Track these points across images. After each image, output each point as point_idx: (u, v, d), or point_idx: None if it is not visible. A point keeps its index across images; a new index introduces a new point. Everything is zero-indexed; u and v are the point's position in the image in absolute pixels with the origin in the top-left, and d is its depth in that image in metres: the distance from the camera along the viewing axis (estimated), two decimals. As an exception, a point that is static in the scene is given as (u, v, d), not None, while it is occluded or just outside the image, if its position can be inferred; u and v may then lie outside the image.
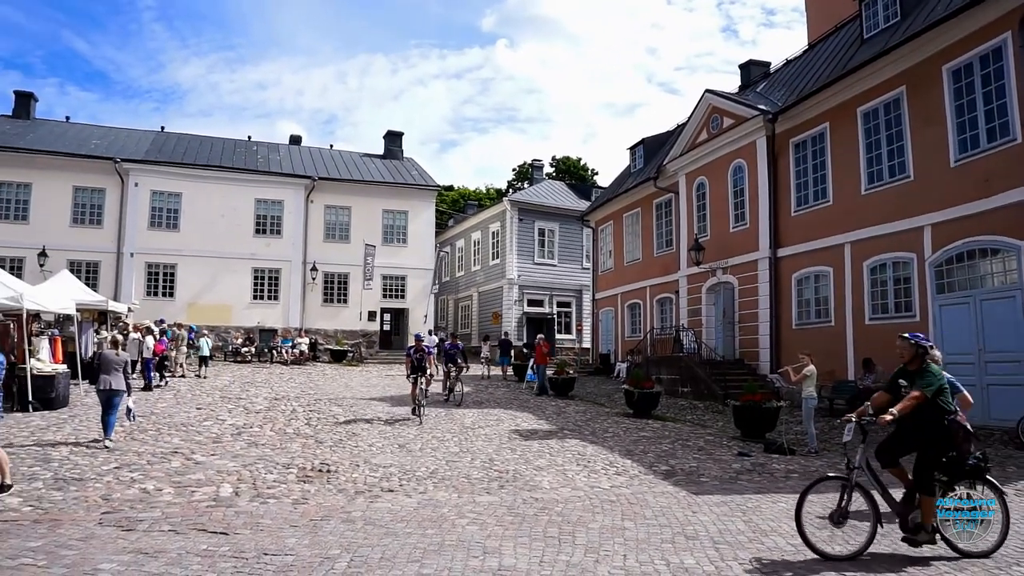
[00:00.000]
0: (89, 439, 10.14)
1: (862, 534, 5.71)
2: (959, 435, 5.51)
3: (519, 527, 6.43)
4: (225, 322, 28.18)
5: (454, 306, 40.66)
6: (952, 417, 5.54)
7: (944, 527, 5.57)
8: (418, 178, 33.60)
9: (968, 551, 5.54)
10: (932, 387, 5.49)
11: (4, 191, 27.14)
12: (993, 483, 5.60)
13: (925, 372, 5.61)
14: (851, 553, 5.56)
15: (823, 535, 5.85)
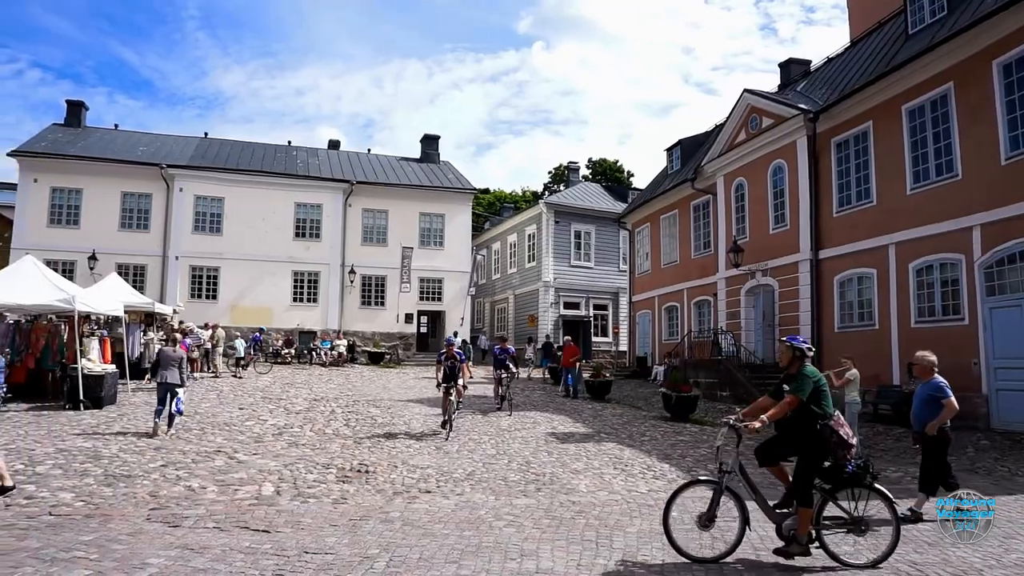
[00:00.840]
0: (138, 436, 10.42)
1: (730, 537, 5.61)
2: (832, 441, 5.34)
3: (556, 530, 6.42)
4: (266, 324, 28.67)
5: (490, 309, 40.77)
6: (825, 423, 5.38)
7: (823, 537, 5.39)
8: (454, 181, 33.80)
9: (852, 563, 5.36)
10: (804, 391, 5.40)
11: (57, 197, 28.10)
12: (882, 491, 5.44)
13: (800, 375, 5.54)
14: (716, 556, 5.49)
15: (691, 537, 5.75)
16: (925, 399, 7.12)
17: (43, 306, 13.25)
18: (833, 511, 5.46)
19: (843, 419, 5.56)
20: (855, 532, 5.44)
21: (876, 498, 5.42)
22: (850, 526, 5.43)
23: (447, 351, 12.58)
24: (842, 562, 5.36)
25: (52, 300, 13.00)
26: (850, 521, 5.43)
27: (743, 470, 5.60)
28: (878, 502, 5.42)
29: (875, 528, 5.52)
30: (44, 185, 27.92)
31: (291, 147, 35.62)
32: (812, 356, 5.76)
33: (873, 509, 5.46)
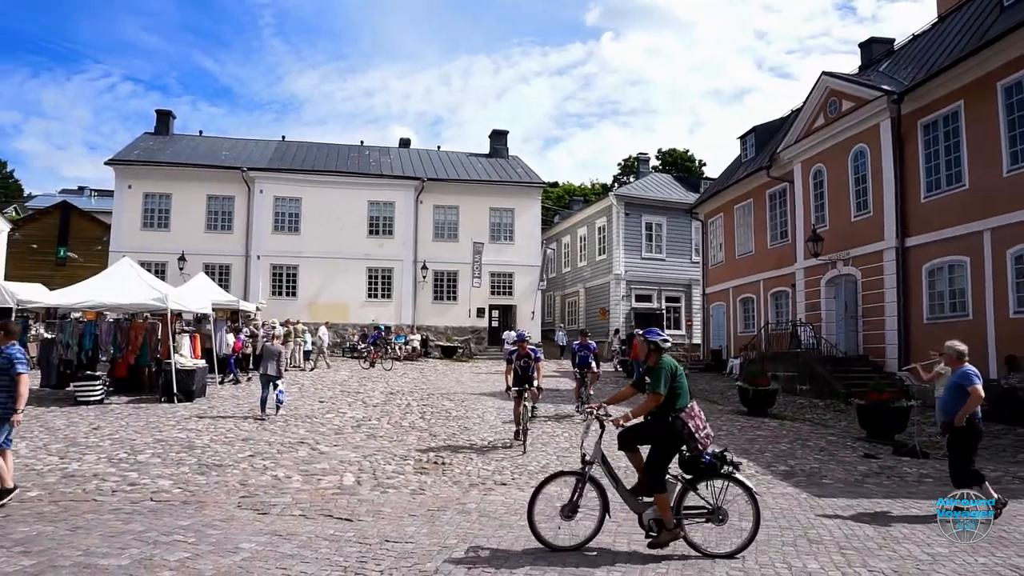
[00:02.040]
0: (227, 428, 10.95)
1: (590, 526, 5.64)
2: (683, 432, 5.41)
3: (634, 524, 6.38)
4: (342, 319, 29.55)
5: (561, 302, 40.74)
6: (677, 415, 5.45)
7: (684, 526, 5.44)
8: (523, 176, 33.89)
9: (712, 552, 5.40)
10: (663, 387, 5.49)
11: (149, 202, 29.73)
12: (742, 482, 5.48)
13: (657, 369, 5.61)
14: (576, 544, 5.54)
15: (551, 526, 5.72)
16: (952, 387, 6.88)
17: (140, 305, 14.08)
18: (694, 501, 5.52)
19: (696, 410, 5.60)
20: (714, 521, 5.49)
21: (738, 488, 5.46)
22: (709, 515, 5.49)
23: (519, 348, 10.95)
24: (702, 551, 5.42)
25: (147, 299, 13.80)
26: (710, 511, 5.49)
27: (605, 461, 5.72)
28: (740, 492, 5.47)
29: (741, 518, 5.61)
30: (137, 191, 29.60)
31: (363, 147, 36.52)
32: (669, 348, 5.86)
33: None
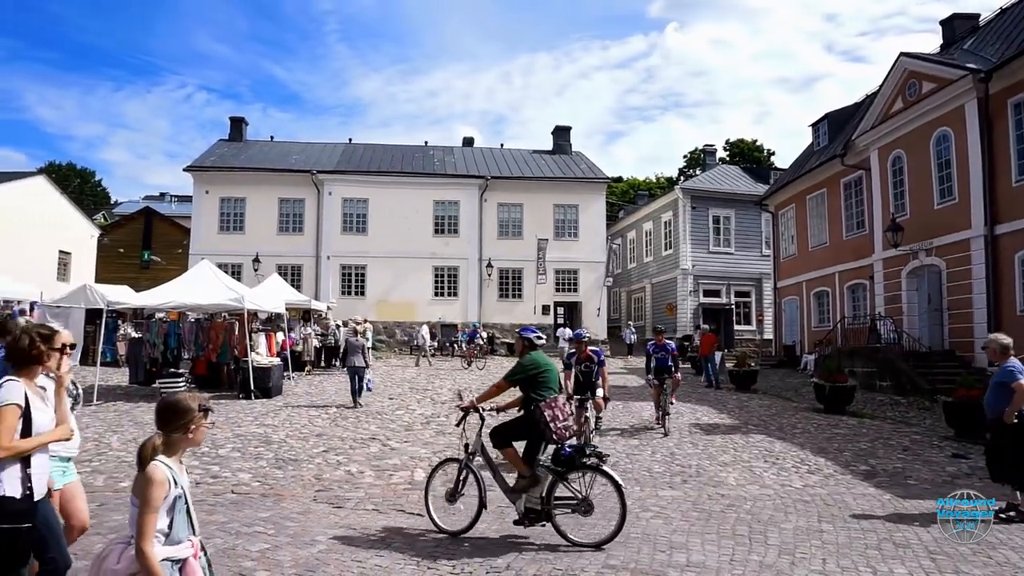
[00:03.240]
0: (302, 424, 11.28)
1: (471, 512, 5.83)
2: (540, 422, 5.60)
3: (706, 523, 6.26)
4: (410, 318, 30.04)
5: (627, 298, 40.31)
6: (537, 405, 5.67)
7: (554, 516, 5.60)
8: (587, 171, 33.66)
9: (579, 542, 5.54)
10: (515, 376, 5.88)
11: (225, 206, 30.95)
12: (609, 475, 5.60)
13: (520, 361, 5.98)
14: (460, 528, 5.78)
15: (444, 511, 6.04)
16: (996, 385, 6.47)
17: (218, 305, 14.65)
18: (564, 492, 5.65)
19: (559, 403, 5.79)
20: (581, 512, 5.62)
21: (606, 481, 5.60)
22: (575, 505, 5.64)
23: (579, 351, 9.50)
24: (570, 540, 5.55)
25: (225, 300, 14.35)
26: (577, 502, 5.63)
27: (484, 451, 5.97)
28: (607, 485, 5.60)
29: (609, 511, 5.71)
30: (214, 196, 30.86)
31: (428, 147, 37.00)
32: (542, 345, 6.23)
33: None
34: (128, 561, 2.55)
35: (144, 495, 2.54)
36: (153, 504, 2.53)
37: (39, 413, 3.38)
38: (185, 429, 2.76)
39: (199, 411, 2.81)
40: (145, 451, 2.65)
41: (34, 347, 3.45)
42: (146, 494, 2.53)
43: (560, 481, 5.64)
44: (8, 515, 3.12)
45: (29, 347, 3.45)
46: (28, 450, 3.23)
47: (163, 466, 2.62)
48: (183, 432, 2.76)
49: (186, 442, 2.80)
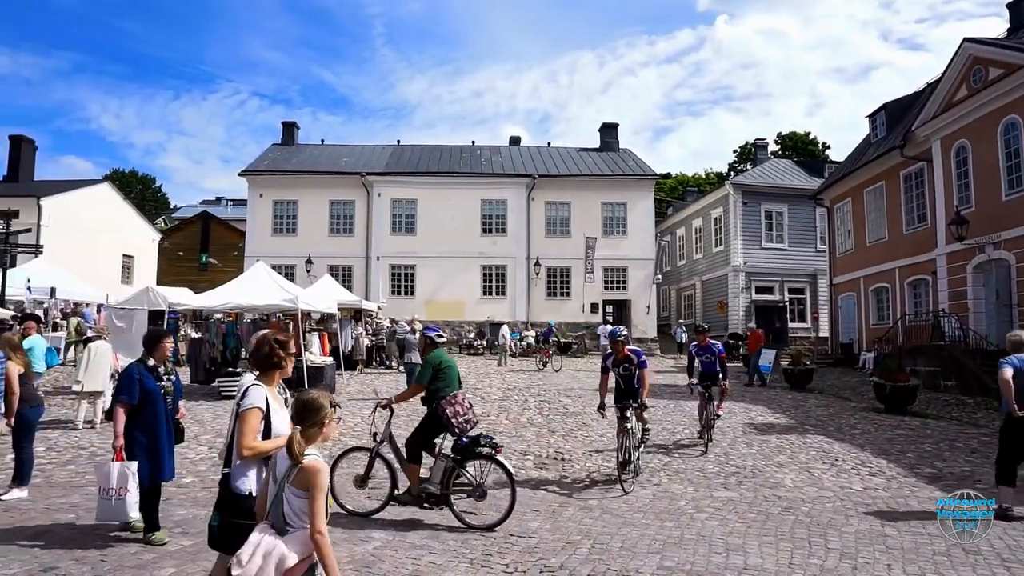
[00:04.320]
0: (355, 422, 11.46)
1: (382, 494, 6.43)
2: (443, 417, 6.13)
3: (763, 525, 6.13)
4: (458, 317, 30.23)
5: (676, 296, 39.78)
6: (439, 402, 6.20)
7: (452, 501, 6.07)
8: (635, 168, 33.32)
9: (474, 524, 5.99)
10: (425, 376, 6.38)
11: (278, 209, 31.66)
12: (502, 464, 6.09)
13: (424, 362, 6.54)
14: (369, 511, 6.30)
15: (351, 495, 6.62)
16: None
17: (273, 306, 14.99)
18: (461, 479, 6.12)
19: (460, 399, 6.29)
20: (476, 497, 6.11)
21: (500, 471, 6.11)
22: (471, 491, 6.12)
23: (616, 350, 8.34)
24: (465, 523, 6.02)
25: (280, 300, 14.68)
26: (472, 488, 6.12)
27: (392, 440, 6.45)
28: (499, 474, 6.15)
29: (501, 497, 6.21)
30: (268, 199, 31.59)
31: (475, 147, 37.17)
32: (443, 342, 6.77)
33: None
34: (302, 547, 2.82)
35: (314, 482, 2.81)
36: (324, 488, 2.83)
37: (277, 416, 3.58)
38: (320, 424, 3.01)
39: (331, 407, 3.06)
40: (292, 446, 2.89)
41: (274, 354, 3.69)
42: (316, 481, 2.81)
43: (458, 468, 6.10)
44: (249, 511, 3.31)
45: (270, 354, 3.68)
46: (269, 451, 3.39)
47: (319, 457, 2.91)
48: (318, 427, 3.00)
49: (319, 436, 3.02)
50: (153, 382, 5.29)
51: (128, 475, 5.11)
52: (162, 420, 5.31)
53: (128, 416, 5.19)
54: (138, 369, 5.30)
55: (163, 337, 5.58)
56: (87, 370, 10.60)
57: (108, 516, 5.21)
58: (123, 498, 5.11)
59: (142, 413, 5.24)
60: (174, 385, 5.54)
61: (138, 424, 5.23)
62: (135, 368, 5.31)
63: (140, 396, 5.19)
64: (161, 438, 5.29)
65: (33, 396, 6.92)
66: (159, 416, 5.29)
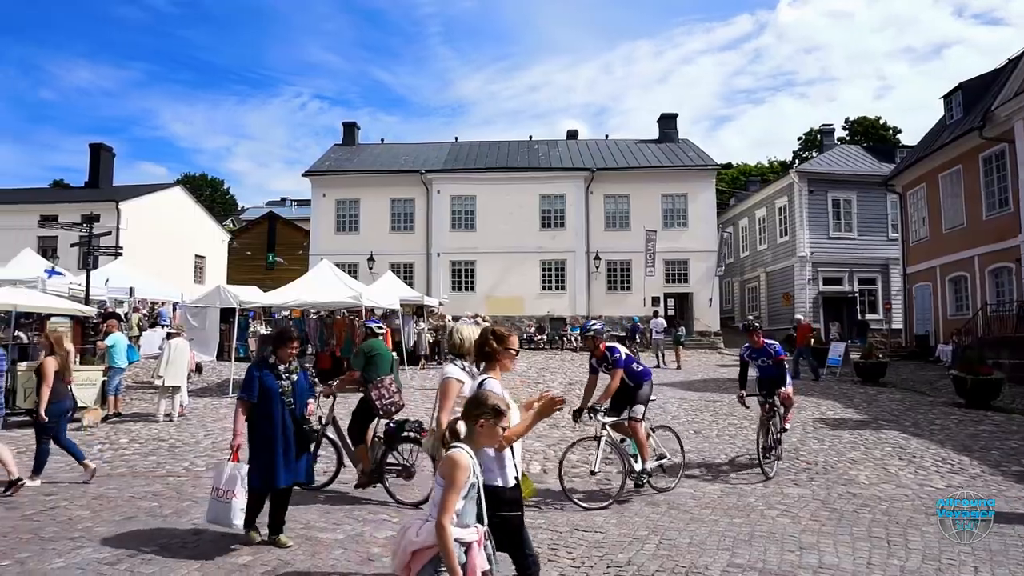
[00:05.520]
0: (419, 416, 11.60)
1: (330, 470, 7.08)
2: (371, 402, 6.69)
3: (837, 523, 5.94)
4: (518, 312, 30.29)
5: (740, 288, 38.90)
6: (368, 387, 6.75)
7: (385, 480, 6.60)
8: (695, 159, 32.69)
9: (404, 501, 6.48)
10: (360, 362, 7.05)
11: (341, 208, 32.36)
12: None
13: (359, 350, 7.21)
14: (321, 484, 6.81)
15: None
16: None
17: (338, 303, 15.35)
18: (391, 460, 6.63)
19: (387, 383, 6.83)
20: (404, 477, 6.66)
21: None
22: (400, 471, 6.67)
23: (752, 340, 8.11)
24: (397, 500, 6.53)
25: (344, 298, 15.01)
26: (401, 467, 6.66)
27: (335, 423, 7.05)
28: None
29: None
30: (331, 199, 32.33)
31: (532, 141, 37.14)
32: (382, 334, 7.40)
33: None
34: (426, 534, 2.81)
35: (449, 476, 2.78)
36: (456, 485, 2.77)
37: None
38: (475, 420, 2.98)
39: (490, 410, 2.99)
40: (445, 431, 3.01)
41: (487, 345, 3.79)
42: (451, 475, 2.77)
43: (389, 451, 6.60)
44: (507, 503, 3.36)
45: (482, 345, 3.81)
46: (513, 442, 3.45)
47: (467, 453, 2.87)
48: (473, 422, 2.99)
49: (479, 436, 2.99)
50: (272, 380, 5.16)
51: (237, 478, 4.96)
52: (278, 421, 5.11)
53: (250, 415, 5.12)
54: (259, 367, 5.22)
55: (291, 339, 5.40)
56: (167, 366, 11.09)
57: (214, 518, 5.08)
58: (228, 501, 4.95)
59: (258, 413, 5.12)
60: (296, 384, 5.33)
61: (253, 425, 5.13)
62: (256, 366, 5.24)
63: (260, 395, 5.10)
64: (276, 440, 5.09)
65: (57, 392, 7.29)
66: (275, 417, 5.10)
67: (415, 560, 2.83)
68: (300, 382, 5.39)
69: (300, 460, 5.28)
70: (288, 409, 5.18)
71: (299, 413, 5.29)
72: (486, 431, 2.98)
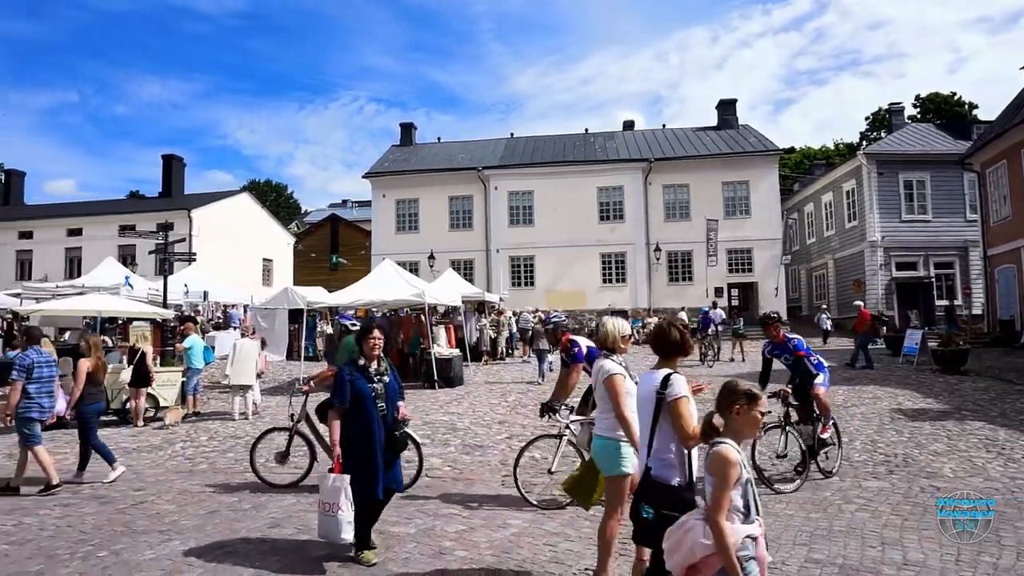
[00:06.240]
0: (484, 411, 11.72)
1: (303, 465, 7.28)
2: None
3: (920, 518, 5.70)
4: (579, 306, 30.16)
5: (807, 276, 37.75)
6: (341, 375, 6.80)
7: None
8: (756, 145, 31.88)
9: None
10: (341, 358, 7.09)
11: (400, 208, 32.90)
12: (413, 437, 6.40)
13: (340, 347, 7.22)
14: (290, 483, 7.09)
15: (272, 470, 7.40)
16: None
17: (402, 301, 15.62)
18: None
19: None
20: None
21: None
22: None
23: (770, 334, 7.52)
24: None
25: (408, 296, 15.25)
26: None
27: (309, 419, 7.11)
28: None
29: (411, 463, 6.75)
30: (391, 199, 32.92)
31: (588, 134, 36.92)
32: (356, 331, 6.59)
33: None
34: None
35: (720, 473, 2.73)
36: (728, 482, 2.71)
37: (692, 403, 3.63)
38: (728, 410, 2.91)
39: (743, 396, 2.91)
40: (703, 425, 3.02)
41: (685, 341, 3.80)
42: (722, 472, 2.72)
43: None
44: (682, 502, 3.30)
45: (681, 340, 3.78)
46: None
47: (734, 448, 2.80)
48: (728, 413, 2.91)
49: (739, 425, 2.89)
50: (365, 384, 4.84)
51: (340, 489, 4.70)
52: (375, 427, 4.79)
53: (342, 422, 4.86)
54: (349, 371, 4.91)
55: (370, 330, 5.04)
56: (233, 365, 11.56)
57: (324, 533, 4.84)
58: (334, 515, 4.71)
59: (351, 419, 4.83)
60: (387, 386, 4.98)
61: (348, 432, 4.84)
62: (347, 369, 4.94)
63: (352, 399, 4.81)
64: (372, 447, 4.79)
65: (91, 394, 7.61)
66: (371, 423, 4.78)
67: (705, 564, 2.73)
68: (391, 384, 5.05)
69: (394, 468, 5.00)
70: (380, 414, 4.86)
71: (391, 418, 4.95)
72: (744, 418, 2.88)
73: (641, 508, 3.41)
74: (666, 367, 3.65)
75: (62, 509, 6.44)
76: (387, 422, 4.89)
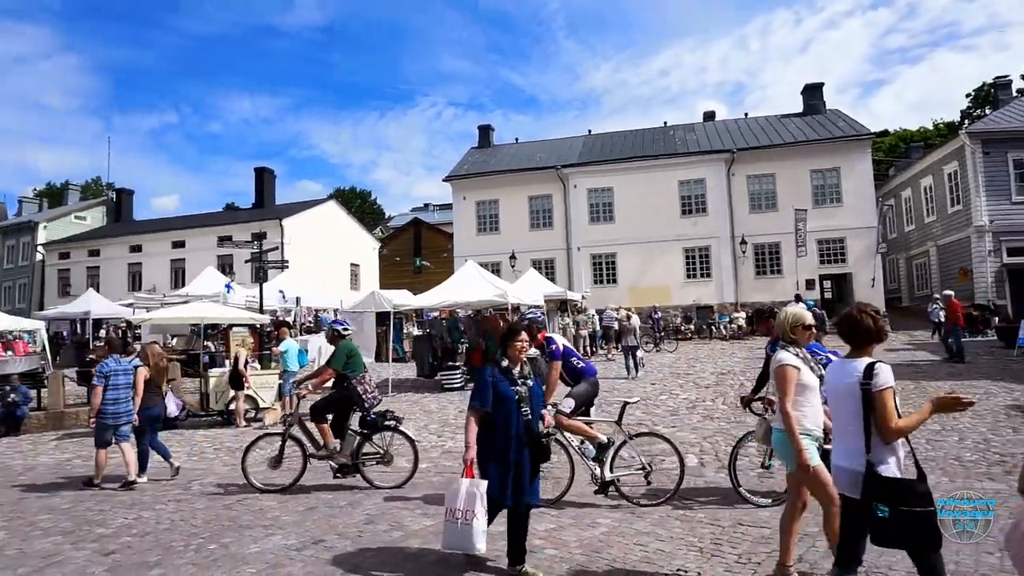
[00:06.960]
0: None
1: (295, 471, 7.38)
2: (355, 396, 7.26)
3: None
4: (664, 302, 29.64)
5: (906, 265, 35.77)
6: (350, 383, 7.30)
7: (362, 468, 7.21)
8: (846, 129, 30.44)
9: (382, 486, 7.09)
10: (338, 363, 7.39)
11: (481, 209, 33.27)
12: (406, 434, 7.32)
13: (336, 349, 7.55)
14: (284, 486, 7.20)
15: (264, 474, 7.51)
16: None
17: (485, 301, 15.81)
18: (369, 448, 7.27)
19: (367, 379, 7.46)
20: (384, 463, 7.29)
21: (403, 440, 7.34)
22: (379, 458, 7.27)
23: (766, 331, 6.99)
24: (374, 485, 7.15)
25: (491, 296, 15.44)
26: (380, 455, 7.27)
27: (302, 422, 7.45)
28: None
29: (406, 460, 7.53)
30: (471, 201, 33.34)
31: (667, 127, 36.27)
32: (349, 335, 7.78)
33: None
34: None
35: None
36: None
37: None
38: None
39: None
40: None
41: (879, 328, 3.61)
42: None
43: (366, 441, 7.23)
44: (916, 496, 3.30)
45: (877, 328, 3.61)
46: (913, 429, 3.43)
47: None
48: None
49: None
50: (508, 386, 4.54)
51: (476, 496, 4.38)
52: (513, 434, 4.48)
53: (480, 426, 4.54)
54: (491, 372, 4.63)
55: (515, 334, 4.77)
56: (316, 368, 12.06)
57: (453, 543, 4.47)
58: (469, 523, 4.35)
59: (494, 423, 4.52)
60: (531, 390, 4.68)
61: (489, 436, 4.53)
62: (488, 370, 4.67)
63: (493, 402, 4.51)
64: (510, 455, 4.47)
65: (150, 399, 8.17)
66: (511, 428, 4.48)
67: None
68: (536, 389, 4.75)
69: (535, 479, 4.67)
70: (524, 420, 4.53)
71: (535, 424, 4.62)
72: None
73: (875, 507, 3.32)
74: (862, 356, 3.50)
75: (175, 504, 6.88)
76: (532, 429, 4.57)
